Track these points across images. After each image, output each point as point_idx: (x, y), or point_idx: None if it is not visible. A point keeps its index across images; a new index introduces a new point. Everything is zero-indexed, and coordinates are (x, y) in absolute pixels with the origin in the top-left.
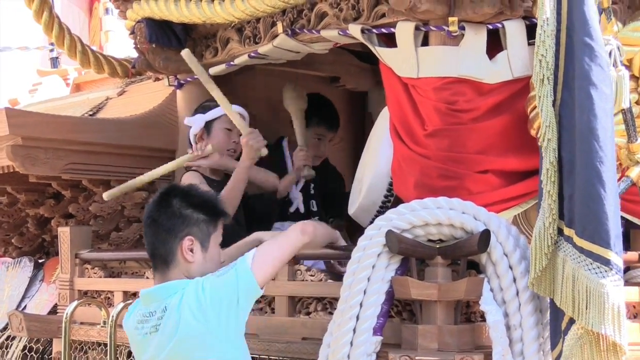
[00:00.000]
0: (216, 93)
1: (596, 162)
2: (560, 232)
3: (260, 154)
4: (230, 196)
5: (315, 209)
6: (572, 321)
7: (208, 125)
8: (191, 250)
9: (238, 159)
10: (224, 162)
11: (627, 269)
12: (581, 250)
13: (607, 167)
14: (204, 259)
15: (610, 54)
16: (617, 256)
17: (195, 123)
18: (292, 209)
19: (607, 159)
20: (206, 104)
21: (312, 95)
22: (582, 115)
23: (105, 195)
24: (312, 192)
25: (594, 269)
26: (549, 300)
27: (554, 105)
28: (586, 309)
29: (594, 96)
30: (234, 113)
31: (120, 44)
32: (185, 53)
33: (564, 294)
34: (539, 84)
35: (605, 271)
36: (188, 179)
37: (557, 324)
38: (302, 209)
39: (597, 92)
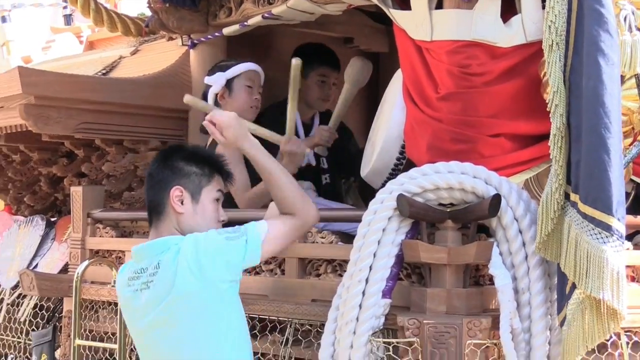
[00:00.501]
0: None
1: (601, 129)
2: (567, 197)
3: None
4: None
5: (325, 166)
6: (574, 286)
7: (229, 84)
8: (181, 202)
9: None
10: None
11: (636, 233)
12: (584, 215)
13: (612, 134)
14: (194, 211)
15: (625, 18)
16: (619, 222)
17: (216, 82)
18: (303, 164)
19: (612, 126)
20: (223, 63)
21: (307, 44)
22: (589, 82)
23: (186, 99)
24: (326, 164)
25: (595, 234)
26: (557, 265)
27: (564, 71)
28: (586, 273)
29: (601, 63)
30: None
31: (135, 1)
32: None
33: (568, 259)
34: (548, 49)
35: (607, 237)
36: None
37: (562, 288)
38: (313, 162)
39: (604, 58)
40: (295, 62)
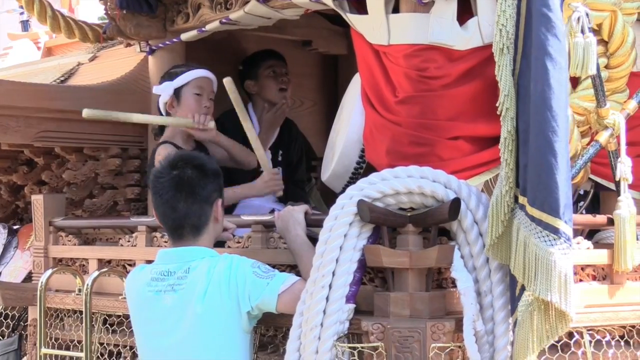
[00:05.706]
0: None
1: (548, 132)
2: (516, 200)
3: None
4: (231, 200)
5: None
6: (524, 288)
7: (177, 92)
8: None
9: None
10: (220, 138)
11: (597, 231)
12: (532, 218)
13: (559, 138)
14: (223, 215)
15: (578, 20)
16: (566, 225)
17: (164, 91)
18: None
19: (559, 129)
20: (172, 71)
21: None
22: (537, 86)
23: (85, 113)
24: (280, 159)
25: (543, 237)
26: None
27: (513, 74)
28: (534, 276)
29: (548, 66)
30: (263, 154)
31: (92, 4)
32: (228, 82)
33: (517, 261)
34: (498, 53)
35: (554, 239)
36: (165, 152)
37: (514, 290)
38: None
39: (552, 62)
40: (227, 79)
